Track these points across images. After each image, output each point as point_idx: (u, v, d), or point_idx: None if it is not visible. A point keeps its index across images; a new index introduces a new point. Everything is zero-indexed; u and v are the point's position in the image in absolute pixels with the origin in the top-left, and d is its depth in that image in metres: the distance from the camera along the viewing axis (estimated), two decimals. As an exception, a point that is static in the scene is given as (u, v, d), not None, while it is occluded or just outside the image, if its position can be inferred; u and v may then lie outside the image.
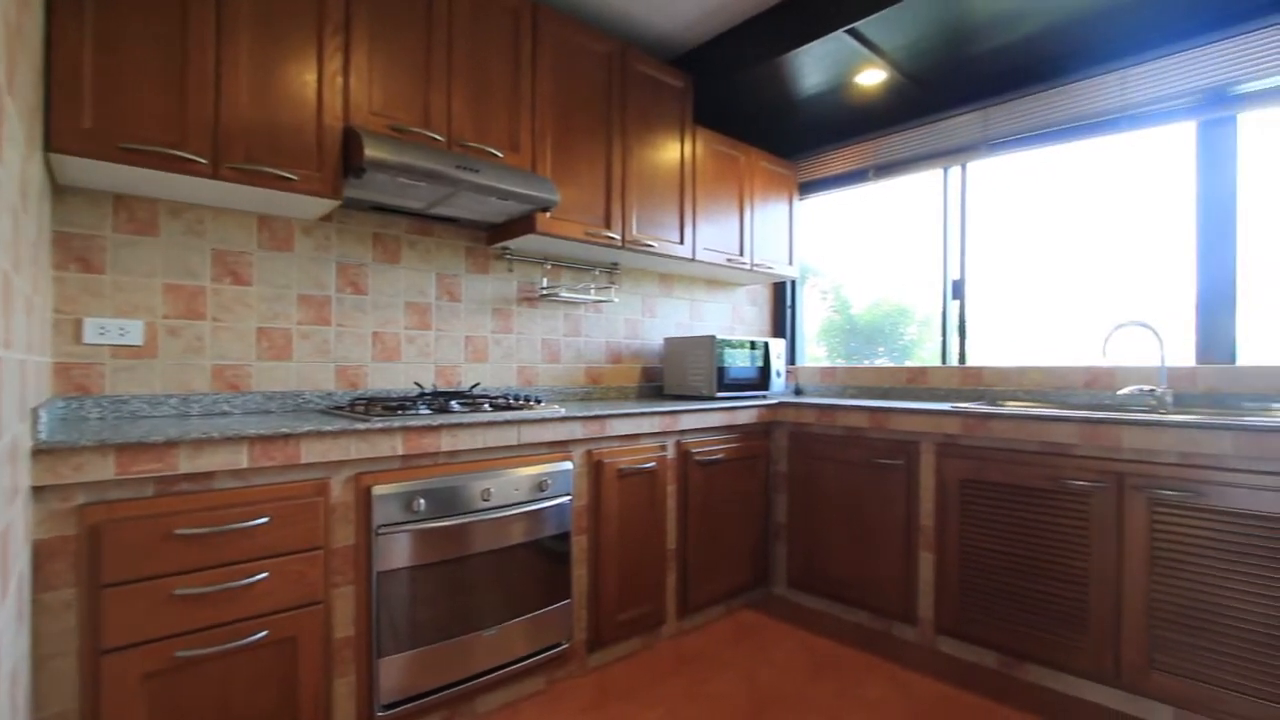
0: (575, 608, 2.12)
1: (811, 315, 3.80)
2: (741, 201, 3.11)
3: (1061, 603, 2.03)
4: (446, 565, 1.77)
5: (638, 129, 2.63)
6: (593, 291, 2.86)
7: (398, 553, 1.68)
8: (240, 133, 1.66)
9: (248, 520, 1.44)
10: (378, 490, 1.65)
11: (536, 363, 2.70)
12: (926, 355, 3.24)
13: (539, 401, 2.18)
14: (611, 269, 2.93)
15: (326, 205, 1.91)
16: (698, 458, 2.51)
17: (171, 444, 1.35)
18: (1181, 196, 2.41)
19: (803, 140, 3.46)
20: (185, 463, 1.37)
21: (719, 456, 2.59)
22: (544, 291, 2.68)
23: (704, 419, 2.52)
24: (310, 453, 1.53)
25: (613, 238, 2.53)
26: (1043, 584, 2.07)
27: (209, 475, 1.42)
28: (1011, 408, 2.39)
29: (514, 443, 1.92)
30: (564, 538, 2.06)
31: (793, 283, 3.71)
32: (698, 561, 2.52)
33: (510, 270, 2.61)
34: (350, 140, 1.80)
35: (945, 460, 2.30)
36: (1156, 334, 2.26)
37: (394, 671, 1.67)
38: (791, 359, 3.69)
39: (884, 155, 3.20)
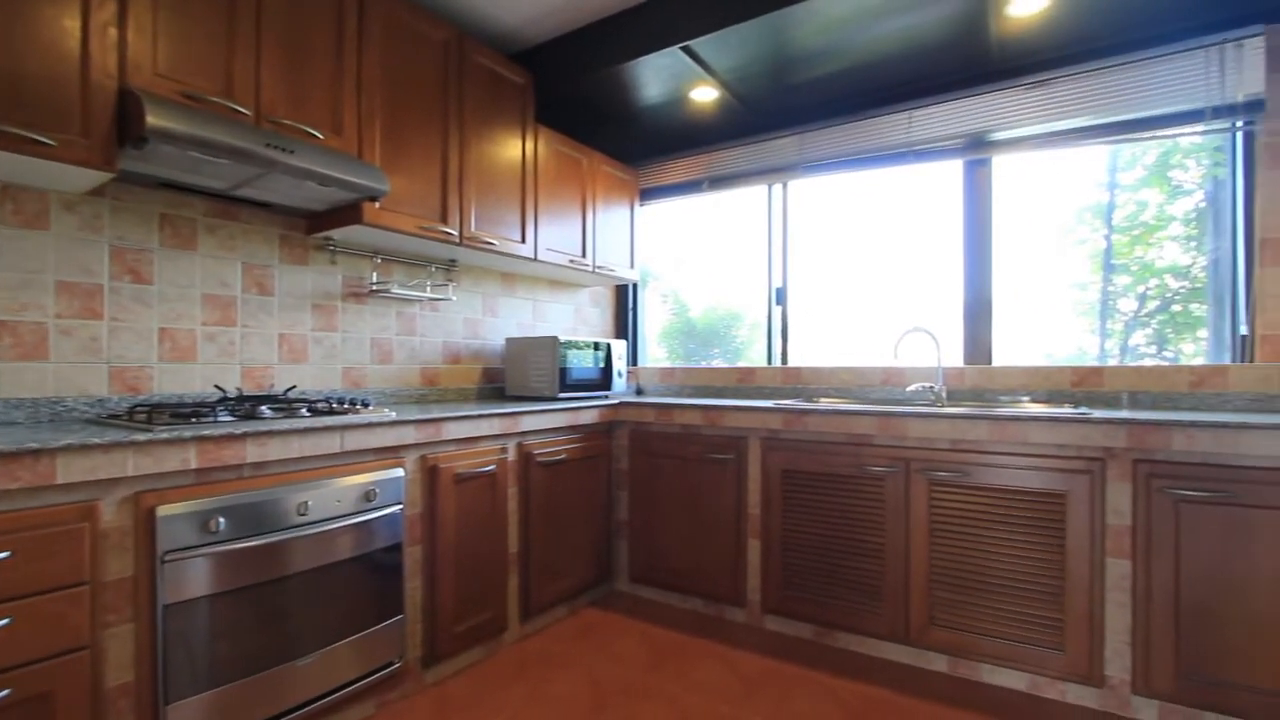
0: (409, 623, 2.00)
1: (653, 317, 3.94)
2: (584, 204, 3.14)
3: (863, 575, 2.30)
4: (255, 590, 1.58)
5: (476, 123, 2.55)
6: (429, 289, 2.72)
7: (191, 581, 1.46)
8: (-30, 81, 1.35)
9: (-21, 557, 1.18)
10: (164, 511, 1.43)
11: (365, 363, 2.50)
12: (756, 356, 3.50)
13: (367, 405, 2.02)
14: (449, 266, 2.81)
15: (95, 178, 1.61)
16: (540, 459, 2.48)
17: None
18: (954, 222, 2.85)
19: (644, 148, 3.58)
20: (-119, 490, 1.08)
21: (561, 457, 2.59)
22: (374, 287, 2.50)
23: (546, 420, 2.51)
24: (71, 470, 1.28)
25: (450, 233, 2.42)
26: (849, 560, 2.33)
27: (-81, 504, 1.14)
28: (824, 404, 2.67)
29: (336, 450, 1.77)
30: (395, 549, 1.93)
31: (634, 285, 3.82)
32: (541, 563, 2.49)
33: (334, 263, 2.39)
34: (128, 104, 1.54)
35: (769, 453, 2.50)
36: (934, 339, 2.64)
37: (187, 718, 1.45)
38: (633, 360, 3.80)
39: (717, 169, 3.41)
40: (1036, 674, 2.02)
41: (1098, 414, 1.95)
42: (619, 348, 3.15)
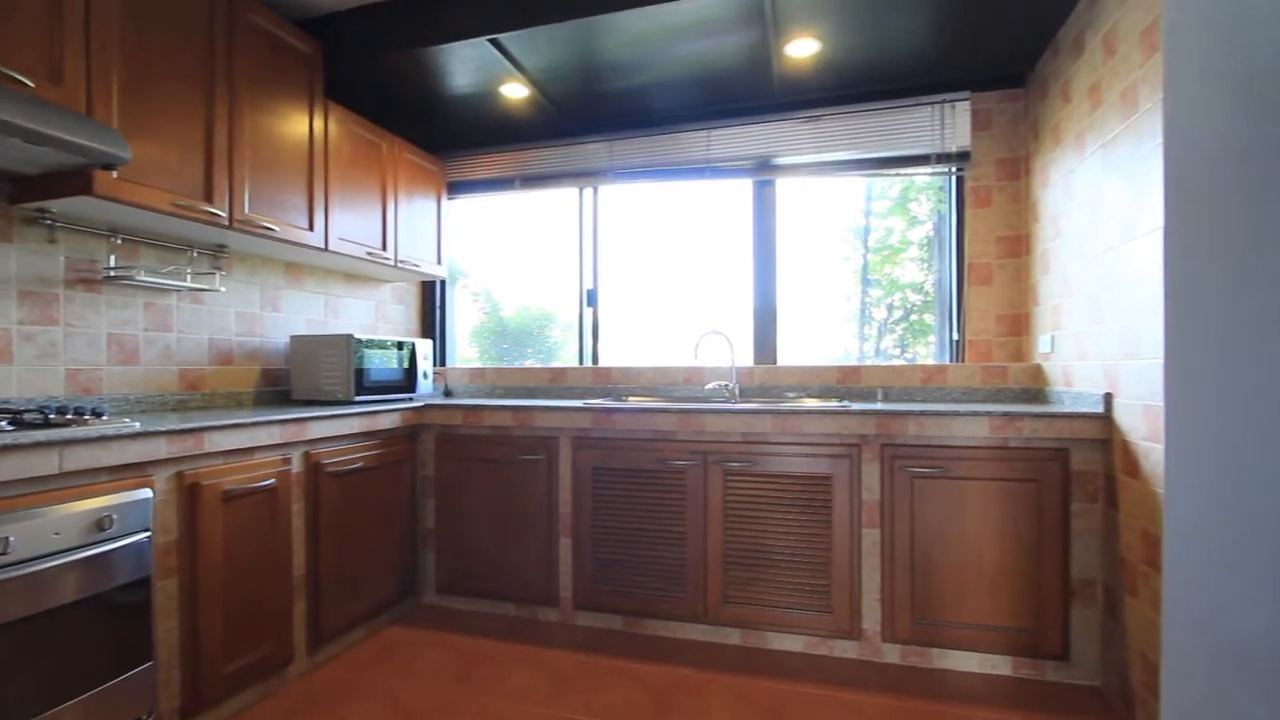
0: (162, 669, 1.69)
1: (464, 317, 3.79)
2: (385, 192, 2.92)
3: (667, 563, 2.44)
4: (-77, 657, 1.23)
5: (251, 90, 2.24)
6: (189, 277, 2.33)
7: None
8: None
9: None
10: None
11: (100, 364, 2.07)
12: (569, 356, 3.54)
13: (100, 414, 1.68)
14: (217, 251, 2.44)
15: None
16: (331, 469, 2.26)
17: None
18: (746, 235, 3.14)
19: (452, 139, 3.42)
20: None
21: (358, 465, 2.38)
22: (112, 273, 2.08)
23: (339, 425, 2.29)
24: None
25: (216, 214, 2.10)
26: (654, 550, 2.45)
27: None
28: (631, 402, 2.78)
29: (54, 471, 1.44)
30: (141, 585, 1.62)
31: (442, 282, 3.64)
32: (333, 584, 2.27)
33: (53, 241, 1.95)
34: None
35: (579, 452, 2.54)
36: (729, 340, 2.88)
37: None
38: (441, 360, 3.62)
39: (529, 168, 3.39)
40: (811, 635, 2.30)
41: (855, 407, 2.28)
42: (424, 347, 2.98)
